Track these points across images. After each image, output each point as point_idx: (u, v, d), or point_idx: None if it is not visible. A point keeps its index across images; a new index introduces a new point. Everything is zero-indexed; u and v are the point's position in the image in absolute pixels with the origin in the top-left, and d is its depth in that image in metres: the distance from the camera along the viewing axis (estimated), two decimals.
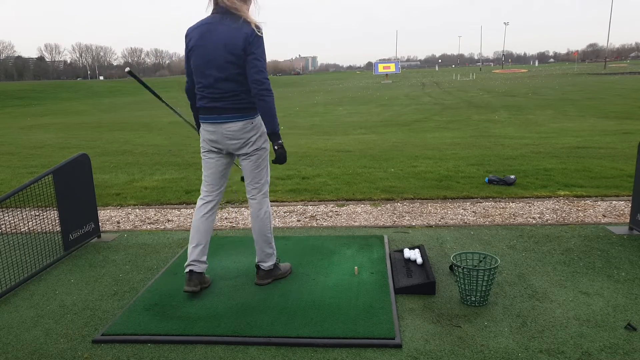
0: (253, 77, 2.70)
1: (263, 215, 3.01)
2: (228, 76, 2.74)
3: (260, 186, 3.00)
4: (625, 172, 5.97)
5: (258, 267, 3.12)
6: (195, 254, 2.96)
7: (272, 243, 3.09)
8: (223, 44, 2.69)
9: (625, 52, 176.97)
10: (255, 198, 3.02)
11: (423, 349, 2.38)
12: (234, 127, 2.82)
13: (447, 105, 20.21)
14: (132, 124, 17.21)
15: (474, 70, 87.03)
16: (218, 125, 2.84)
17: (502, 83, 38.53)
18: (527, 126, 12.03)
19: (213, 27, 2.73)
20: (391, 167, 6.94)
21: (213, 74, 2.76)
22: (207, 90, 2.81)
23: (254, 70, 2.69)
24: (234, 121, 2.81)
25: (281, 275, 3.19)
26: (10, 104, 34.82)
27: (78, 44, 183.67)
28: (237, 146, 2.88)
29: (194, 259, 2.96)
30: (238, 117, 2.81)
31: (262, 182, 3.00)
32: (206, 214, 3.02)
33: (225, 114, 2.81)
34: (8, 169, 7.96)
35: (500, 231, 4.01)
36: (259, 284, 3.10)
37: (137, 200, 5.56)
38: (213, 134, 2.87)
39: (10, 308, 2.98)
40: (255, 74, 2.69)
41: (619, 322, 2.57)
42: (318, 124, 14.87)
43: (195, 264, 2.96)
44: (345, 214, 4.75)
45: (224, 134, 2.85)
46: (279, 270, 3.19)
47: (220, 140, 2.88)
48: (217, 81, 2.76)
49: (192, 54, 2.80)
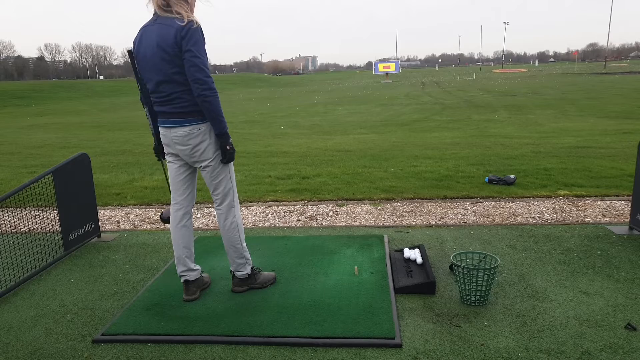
0: (192, 76, 2.53)
1: (229, 226, 2.87)
2: (166, 78, 2.60)
3: (222, 197, 2.85)
4: (625, 171, 5.97)
5: (233, 274, 3.04)
6: (181, 265, 2.93)
7: (243, 253, 2.95)
8: (156, 43, 2.56)
9: (625, 51, 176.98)
10: (220, 209, 2.88)
11: (423, 349, 2.38)
12: (180, 132, 2.68)
13: (447, 105, 20.21)
14: (132, 123, 17.21)
15: (474, 70, 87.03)
16: (167, 129, 2.74)
17: (502, 83, 38.53)
18: (527, 126, 12.03)
19: (149, 29, 2.63)
20: (391, 166, 6.94)
21: (153, 77, 2.65)
22: (154, 95, 2.72)
23: (193, 69, 2.52)
24: (180, 126, 2.68)
25: (259, 286, 3.04)
26: (10, 104, 34.82)
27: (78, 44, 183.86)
28: (187, 153, 2.73)
29: (182, 270, 2.93)
30: (184, 122, 2.66)
31: (225, 192, 2.84)
32: (179, 223, 2.94)
33: (172, 118, 2.68)
34: (8, 169, 7.96)
35: (500, 231, 4.01)
36: (235, 291, 3.03)
37: (137, 200, 5.56)
38: (165, 137, 2.78)
39: (10, 308, 2.99)
40: (195, 73, 2.52)
41: (619, 322, 2.57)
42: (318, 124, 14.87)
43: (186, 274, 2.94)
44: (345, 214, 4.75)
45: (172, 139, 2.73)
46: (257, 280, 3.05)
47: (170, 145, 2.77)
48: (158, 84, 2.65)
49: (137, 60, 2.72)
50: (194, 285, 2.97)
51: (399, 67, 65.62)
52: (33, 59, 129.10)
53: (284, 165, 7.41)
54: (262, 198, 5.41)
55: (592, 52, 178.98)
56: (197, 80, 2.54)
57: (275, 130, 13.28)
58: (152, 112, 2.86)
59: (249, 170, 7.05)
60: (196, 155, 2.74)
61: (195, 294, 2.96)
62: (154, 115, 2.87)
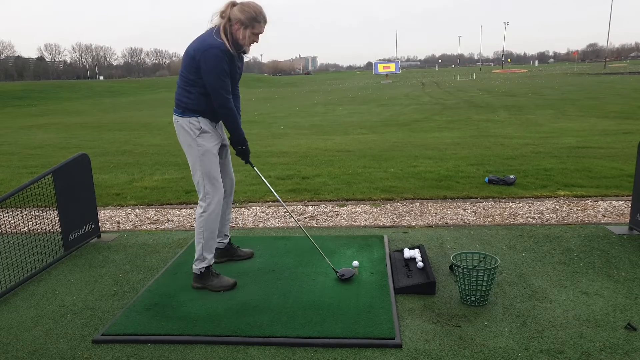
0: (214, 100, 2.93)
1: (198, 217, 3.07)
2: (180, 74, 2.99)
3: (197, 186, 3.07)
4: (625, 172, 5.97)
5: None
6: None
7: (200, 247, 3.06)
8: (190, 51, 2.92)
9: (625, 52, 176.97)
10: (199, 198, 3.10)
11: (423, 349, 2.38)
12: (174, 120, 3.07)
13: (447, 105, 20.21)
14: (132, 124, 17.21)
15: (473, 70, 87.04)
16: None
17: (502, 83, 38.53)
18: (527, 126, 12.03)
19: None
20: (391, 167, 6.94)
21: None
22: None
23: (210, 93, 2.92)
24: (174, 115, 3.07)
25: (214, 288, 3.07)
26: (10, 104, 34.81)
27: (78, 44, 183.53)
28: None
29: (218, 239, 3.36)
30: (175, 111, 3.05)
31: (196, 181, 3.06)
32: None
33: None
34: (8, 169, 7.96)
35: (500, 231, 4.01)
36: (193, 286, 3.13)
37: (137, 200, 5.56)
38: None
39: (10, 308, 2.98)
40: (216, 99, 2.92)
41: (619, 322, 2.57)
42: (318, 124, 14.86)
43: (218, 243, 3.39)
44: (345, 214, 4.75)
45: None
46: (212, 281, 3.09)
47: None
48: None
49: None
50: (219, 252, 3.40)
51: (399, 68, 65.60)
52: (33, 59, 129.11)
53: (283, 165, 7.41)
54: (262, 198, 5.41)
55: (592, 52, 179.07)
56: (217, 105, 2.98)
57: (275, 131, 13.28)
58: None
59: (248, 170, 7.04)
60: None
61: (221, 259, 3.45)
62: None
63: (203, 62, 2.81)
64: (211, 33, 2.86)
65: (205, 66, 2.81)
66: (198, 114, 2.97)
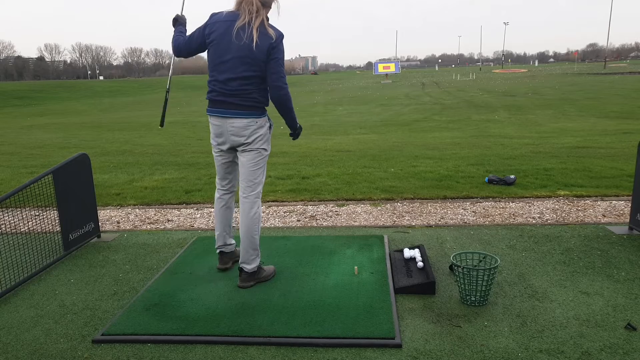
0: (275, 82, 2.86)
1: (253, 215, 3.03)
2: (244, 76, 2.86)
3: (254, 185, 3.04)
4: (625, 172, 5.97)
5: (241, 270, 3.09)
6: (221, 240, 3.29)
7: (257, 245, 3.07)
8: (245, 45, 2.80)
9: (625, 52, 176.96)
10: (248, 197, 3.04)
11: (423, 349, 2.38)
12: (239, 123, 2.93)
13: (447, 105, 20.21)
14: (132, 123, 17.22)
15: (473, 70, 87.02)
16: (224, 119, 2.97)
17: (502, 83, 38.53)
18: (527, 126, 12.03)
19: (234, 25, 2.83)
20: (391, 167, 6.94)
21: (228, 73, 2.88)
22: (219, 85, 2.93)
23: (275, 76, 2.86)
24: (240, 117, 2.93)
25: (264, 279, 3.15)
26: (10, 104, 34.82)
27: (78, 44, 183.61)
28: (240, 142, 2.99)
29: (221, 244, 3.31)
30: (245, 114, 2.92)
31: (257, 181, 3.05)
32: (223, 206, 3.24)
33: (234, 109, 2.93)
34: (8, 169, 7.95)
35: (500, 231, 4.01)
36: (241, 287, 3.07)
37: (137, 200, 5.56)
38: (219, 127, 3.01)
39: (10, 308, 2.98)
40: (277, 80, 2.86)
41: (619, 322, 2.57)
42: (318, 124, 14.87)
43: (223, 247, 3.33)
44: (345, 214, 4.75)
45: (229, 129, 2.97)
46: (263, 273, 3.16)
47: (225, 134, 3.02)
48: (231, 79, 2.88)
49: (212, 46, 2.92)
50: (227, 257, 3.36)
51: (399, 68, 65.63)
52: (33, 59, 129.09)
53: (283, 165, 7.41)
54: (262, 198, 5.41)
55: (592, 52, 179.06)
56: (277, 87, 2.89)
57: (275, 130, 13.26)
58: None
59: None
60: (247, 143, 2.99)
61: (228, 264, 3.36)
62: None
63: (278, 51, 2.84)
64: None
65: (281, 54, 2.86)
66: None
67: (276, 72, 2.85)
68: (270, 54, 2.81)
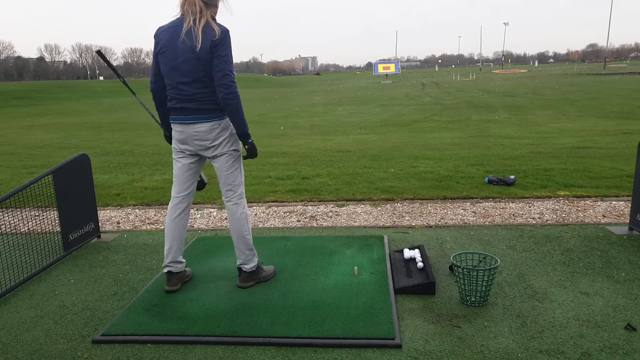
0: (219, 80, 2.72)
1: (240, 217, 3.01)
2: (196, 79, 2.76)
3: (235, 187, 3.01)
4: (625, 172, 5.97)
5: (240, 270, 3.11)
6: (170, 256, 3.05)
7: (251, 244, 3.07)
8: (190, 47, 2.70)
9: (625, 52, 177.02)
10: (231, 200, 3.02)
11: (423, 349, 2.38)
12: (202, 127, 2.84)
13: (447, 105, 20.22)
14: (132, 124, 17.21)
15: (473, 71, 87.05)
16: (186, 125, 2.87)
17: (502, 83, 38.54)
18: (527, 126, 12.03)
19: (180, 29, 2.74)
20: (391, 167, 6.94)
21: (180, 77, 2.78)
22: (175, 92, 2.84)
23: (220, 74, 2.72)
24: (202, 122, 2.84)
25: (264, 279, 3.16)
26: (10, 104, 34.81)
27: (78, 44, 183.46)
28: (206, 147, 2.90)
29: (170, 261, 3.06)
30: (206, 118, 2.83)
31: (237, 183, 3.01)
32: (177, 216, 3.08)
33: (194, 114, 2.83)
34: (8, 169, 7.95)
35: (500, 231, 4.01)
36: (241, 287, 3.09)
37: (137, 201, 5.56)
38: (181, 133, 2.90)
39: (10, 308, 2.98)
40: (222, 78, 2.72)
41: (619, 322, 2.57)
42: (318, 124, 14.87)
43: (172, 265, 3.07)
44: (345, 214, 4.75)
45: (192, 135, 2.87)
46: (262, 273, 3.17)
47: (188, 140, 2.91)
48: (184, 84, 2.79)
49: (161, 56, 2.82)
50: (176, 277, 3.09)
51: (399, 68, 65.68)
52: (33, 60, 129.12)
53: (283, 165, 7.41)
54: (262, 198, 5.41)
55: (592, 52, 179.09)
56: (223, 85, 2.72)
57: (275, 131, 13.29)
58: (162, 106, 3.02)
59: (248, 170, 7.05)
60: (213, 148, 2.90)
61: (177, 286, 3.09)
62: (164, 109, 3.02)
63: (222, 48, 2.71)
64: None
65: (226, 51, 2.73)
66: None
67: (221, 70, 2.71)
68: (214, 51, 2.70)
